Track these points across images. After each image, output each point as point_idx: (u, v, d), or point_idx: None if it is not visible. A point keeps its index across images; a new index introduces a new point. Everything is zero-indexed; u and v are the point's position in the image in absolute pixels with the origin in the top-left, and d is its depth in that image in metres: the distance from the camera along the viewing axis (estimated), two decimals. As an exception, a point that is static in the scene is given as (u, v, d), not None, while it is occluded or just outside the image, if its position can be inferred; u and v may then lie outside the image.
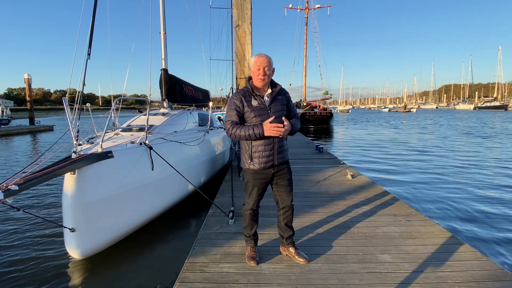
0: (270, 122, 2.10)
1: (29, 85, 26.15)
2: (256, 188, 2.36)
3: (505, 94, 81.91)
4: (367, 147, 13.34)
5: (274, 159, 2.28)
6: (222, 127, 7.31)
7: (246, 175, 2.38)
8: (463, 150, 11.79)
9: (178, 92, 6.68)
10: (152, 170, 3.68)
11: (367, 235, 2.91)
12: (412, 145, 13.67)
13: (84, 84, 3.79)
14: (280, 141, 2.30)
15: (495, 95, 79.08)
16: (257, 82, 2.25)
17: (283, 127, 2.10)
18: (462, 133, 19.00)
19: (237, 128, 2.19)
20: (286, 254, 2.50)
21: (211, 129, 6.25)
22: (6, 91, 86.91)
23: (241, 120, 2.26)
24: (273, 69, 2.29)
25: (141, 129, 4.52)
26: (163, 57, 6.59)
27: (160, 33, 6.59)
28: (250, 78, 2.35)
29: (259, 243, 2.59)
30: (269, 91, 2.29)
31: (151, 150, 3.64)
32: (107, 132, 4.13)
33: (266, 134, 2.12)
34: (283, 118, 2.17)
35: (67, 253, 3.04)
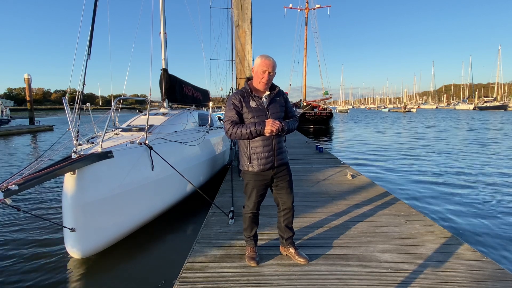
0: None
1: (29, 85, 26.16)
2: (256, 190, 2.35)
3: (505, 94, 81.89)
4: (367, 147, 13.34)
5: (273, 161, 2.27)
6: (222, 127, 7.31)
7: (245, 177, 2.37)
8: (465, 151, 11.79)
9: (178, 92, 6.69)
10: (152, 170, 3.68)
11: (367, 235, 2.91)
12: (413, 145, 13.67)
13: (84, 84, 3.80)
14: (279, 142, 2.30)
15: (495, 95, 79.02)
16: (259, 85, 2.25)
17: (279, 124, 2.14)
18: (469, 135, 18.96)
19: (237, 127, 2.18)
20: (286, 254, 2.50)
21: (211, 129, 6.26)
22: (6, 91, 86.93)
23: (241, 120, 2.26)
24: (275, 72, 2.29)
25: (141, 129, 4.53)
26: (163, 57, 6.61)
27: (160, 33, 6.60)
28: (248, 79, 2.35)
29: (259, 243, 2.59)
30: (268, 92, 2.30)
31: (151, 150, 3.64)
32: (107, 132, 4.14)
33: (266, 128, 2.12)
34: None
35: (67, 253, 3.04)
